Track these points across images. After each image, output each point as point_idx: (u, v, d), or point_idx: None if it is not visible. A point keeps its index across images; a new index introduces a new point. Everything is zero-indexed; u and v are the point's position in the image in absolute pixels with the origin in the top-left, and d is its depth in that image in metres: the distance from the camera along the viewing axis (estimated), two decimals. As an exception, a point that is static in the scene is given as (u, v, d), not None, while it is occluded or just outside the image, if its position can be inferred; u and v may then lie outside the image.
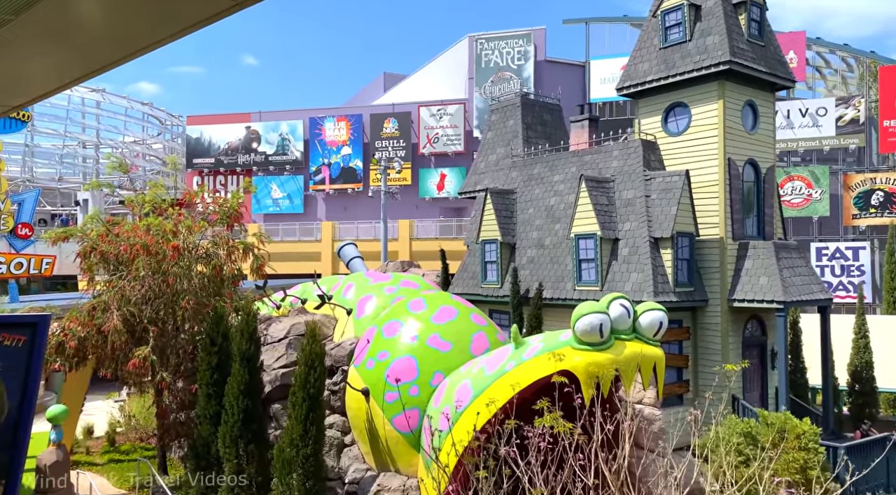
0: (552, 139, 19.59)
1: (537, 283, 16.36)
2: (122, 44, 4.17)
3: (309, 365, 11.97)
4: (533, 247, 17.05)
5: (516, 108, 19.76)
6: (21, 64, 4.95)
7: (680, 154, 15.59)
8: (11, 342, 10.26)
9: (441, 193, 40.27)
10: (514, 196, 18.02)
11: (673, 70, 15.50)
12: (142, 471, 14.57)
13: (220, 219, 15.06)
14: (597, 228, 14.88)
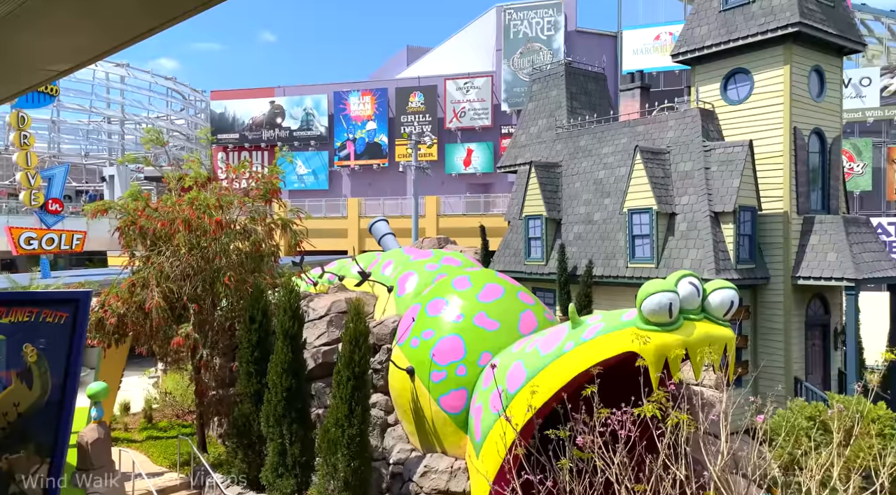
0: (597, 109, 18.88)
1: (586, 260, 15.81)
2: (157, 11, 4.11)
3: (353, 343, 11.67)
4: (580, 223, 16.48)
5: (559, 78, 19.03)
6: (54, 33, 4.91)
7: (740, 123, 14.84)
8: (54, 319, 10.02)
9: (468, 169, 39.66)
10: (559, 169, 17.41)
11: (734, 34, 14.66)
12: (182, 449, 14.46)
13: (262, 194, 14.71)
14: (652, 202, 14.26)
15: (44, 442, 10.79)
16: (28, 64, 6.55)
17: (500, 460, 10.38)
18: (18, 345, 10.33)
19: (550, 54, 36.71)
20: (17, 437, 10.37)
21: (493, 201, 35.86)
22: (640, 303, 8.73)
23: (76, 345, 10.68)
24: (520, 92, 37.97)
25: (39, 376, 10.64)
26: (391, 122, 41.18)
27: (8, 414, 10.45)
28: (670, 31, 35.77)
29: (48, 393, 10.63)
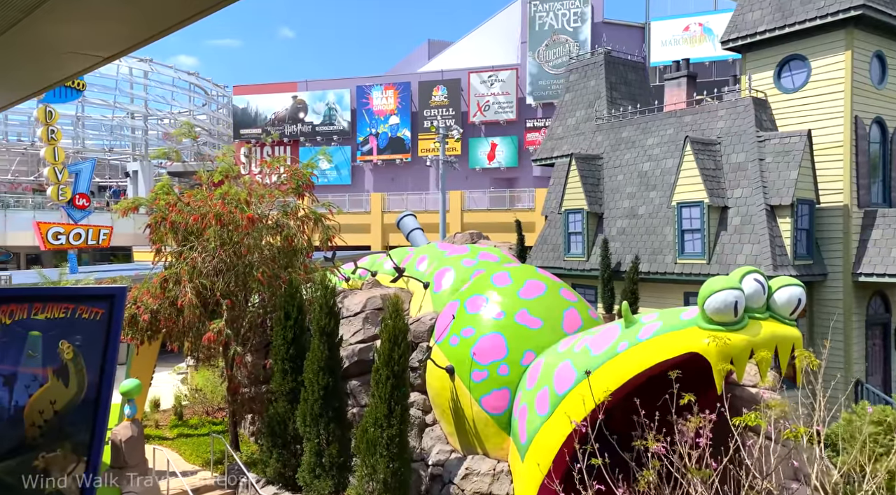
0: (637, 99, 18.34)
1: (631, 256, 15.30)
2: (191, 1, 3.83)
3: (393, 341, 11.33)
4: (624, 217, 16.00)
5: (598, 67, 18.51)
6: (87, 21, 4.75)
7: (796, 112, 14.23)
8: (89, 315, 9.79)
9: (492, 163, 39.19)
10: (600, 161, 16.92)
11: (791, 18, 14.01)
12: (215, 447, 14.25)
13: (295, 188, 14.43)
14: (704, 195, 13.73)
15: (80, 441, 10.54)
16: (62, 55, 6.26)
17: (548, 464, 10.01)
18: (54, 342, 10.08)
19: (577, 46, 36.09)
20: (54, 435, 10.13)
21: (518, 196, 35.36)
22: (702, 301, 8.29)
23: (112, 342, 10.43)
24: (545, 85, 37.41)
25: (75, 373, 10.38)
26: (414, 117, 40.81)
27: (44, 411, 10.21)
28: (700, 22, 35.00)
29: (84, 390, 10.38)
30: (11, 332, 10.25)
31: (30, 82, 7.25)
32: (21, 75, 6.67)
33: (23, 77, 6.75)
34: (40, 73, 6.83)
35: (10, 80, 7.02)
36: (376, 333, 13.61)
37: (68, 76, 7.12)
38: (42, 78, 6.58)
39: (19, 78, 6.83)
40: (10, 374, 10.26)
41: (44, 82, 7.13)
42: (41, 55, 6.23)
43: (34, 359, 10.31)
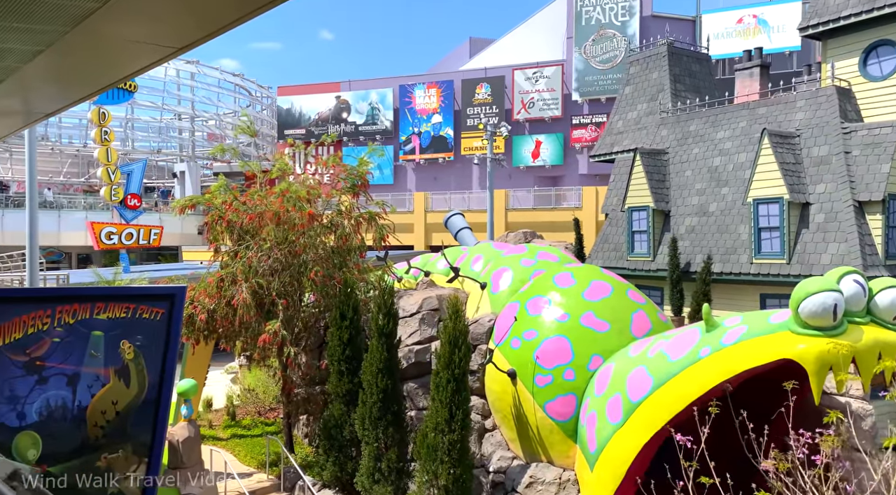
0: (702, 92, 17.61)
1: (701, 255, 14.61)
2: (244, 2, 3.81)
3: (453, 343, 10.96)
4: (693, 215, 15.34)
5: (661, 59, 17.83)
6: (145, 22, 4.47)
7: (884, 102, 13.34)
8: (150, 315, 9.69)
9: (536, 161, 38.60)
10: (665, 157, 16.27)
11: (879, 1, 13.11)
12: (269, 449, 14.11)
13: (350, 187, 14.21)
14: (783, 191, 13.00)
15: (142, 442, 10.40)
16: (137, 45, 6.05)
17: (620, 475, 9.52)
18: (116, 342, 9.96)
19: (625, 41, 35.26)
20: (116, 436, 10.01)
21: (563, 195, 34.72)
22: (796, 303, 7.71)
23: (172, 343, 10.28)
24: (592, 80, 36.67)
25: (136, 374, 10.25)
26: (457, 115, 40.48)
27: (106, 412, 10.09)
28: (754, 14, 33.82)
29: (145, 391, 10.23)
30: (75, 332, 10.15)
31: (102, 75, 7.09)
32: (94, 68, 6.53)
33: (95, 70, 6.60)
34: (111, 66, 6.64)
35: (83, 74, 6.88)
36: (433, 335, 13.29)
37: (139, 69, 6.94)
38: (116, 70, 6.41)
39: (91, 71, 6.69)
40: (73, 374, 10.16)
41: (114, 76, 6.96)
42: (113, 46, 6.02)
43: (96, 360, 10.20)
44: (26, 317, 9.96)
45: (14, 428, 9.88)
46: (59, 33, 5.08)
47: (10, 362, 9.70)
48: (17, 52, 5.54)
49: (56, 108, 8.92)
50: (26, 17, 4.79)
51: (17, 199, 36.95)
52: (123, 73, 6.75)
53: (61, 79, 7.11)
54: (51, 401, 10.00)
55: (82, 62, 6.32)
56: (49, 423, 9.79)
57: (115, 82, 7.36)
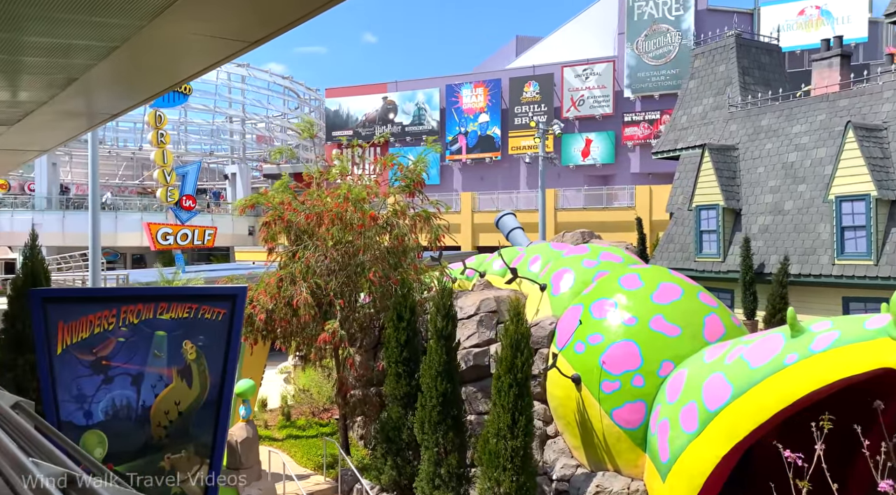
0: (772, 85, 16.83)
1: (777, 256, 13.90)
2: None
3: (515, 347, 10.64)
4: (767, 213, 14.63)
5: (729, 51, 17.10)
6: (209, 21, 4.60)
7: (979, 93, 12.54)
8: (212, 315, 9.65)
9: (586, 160, 37.88)
10: (735, 152, 15.57)
11: (974, -15, 12.38)
12: (324, 450, 14.01)
13: (406, 186, 14.03)
14: (870, 187, 12.25)
15: (203, 443, 10.30)
16: (189, 51, 5.91)
17: (696, 488, 9.03)
18: (179, 342, 9.89)
19: (679, 35, 34.30)
20: (179, 436, 9.93)
21: (615, 194, 33.93)
22: (897, 308, 7.12)
23: (233, 343, 10.17)
24: (645, 77, 35.79)
25: (198, 374, 10.15)
26: (504, 114, 40.05)
27: (169, 412, 10.02)
28: (817, 5, 32.46)
29: (207, 392, 10.13)
30: (139, 332, 10.08)
31: (170, 74, 7.00)
32: (163, 66, 6.43)
33: (164, 67, 6.51)
34: (179, 64, 6.53)
35: (152, 72, 6.80)
36: (491, 337, 12.97)
37: (204, 69, 6.86)
38: (184, 67, 6.29)
39: (160, 69, 6.60)
40: (137, 374, 10.08)
41: (181, 75, 6.86)
42: (184, 42, 5.89)
43: (160, 360, 10.11)
44: (93, 316, 9.89)
45: (81, 426, 9.81)
46: (135, 27, 4.97)
47: (78, 361, 9.65)
48: (93, 49, 5.45)
49: (121, 108, 8.89)
50: (103, 9, 4.68)
51: (77, 201, 38.11)
52: (190, 71, 6.65)
53: (129, 79, 7.06)
54: (116, 401, 9.92)
55: (153, 60, 6.23)
56: (114, 422, 9.72)
57: (181, 80, 7.27)
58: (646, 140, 36.10)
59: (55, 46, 5.41)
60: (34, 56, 5.67)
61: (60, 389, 8.89)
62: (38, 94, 6.97)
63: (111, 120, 9.47)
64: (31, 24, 4.69)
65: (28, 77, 6.39)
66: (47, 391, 8.84)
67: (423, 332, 13.68)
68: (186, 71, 6.66)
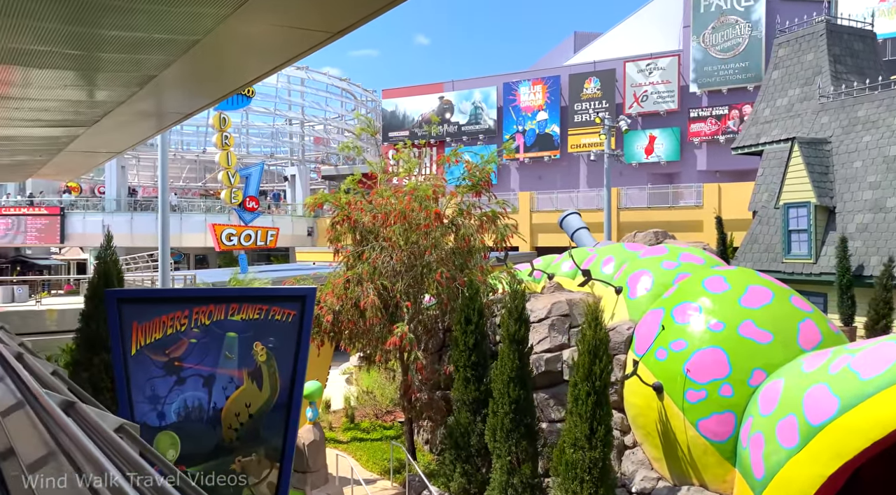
0: (867, 74, 15.70)
1: (878, 257, 12.87)
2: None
3: (593, 353, 10.10)
4: (866, 211, 13.62)
5: (818, 38, 16.07)
6: (282, 19, 4.56)
7: None
8: (282, 316, 9.50)
9: (650, 158, 36.69)
10: (828, 146, 14.59)
11: None
12: (388, 454, 13.76)
13: (473, 185, 13.67)
14: None
15: (274, 446, 10.11)
16: (260, 51, 5.65)
17: (798, 508, 8.33)
18: (249, 344, 9.72)
19: (748, 27, 32.85)
20: (250, 439, 9.76)
21: (680, 193, 32.72)
22: None
23: (303, 345, 9.93)
24: (712, 71, 34.43)
25: (269, 376, 9.97)
26: (563, 111, 39.23)
27: (240, 414, 9.86)
28: (900, -10, 30.51)
29: (277, 394, 9.94)
30: (211, 333, 9.95)
31: (242, 73, 6.81)
32: (241, 60, 6.24)
33: (241, 63, 6.32)
34: (263, 55, 6.31)
35: (227, 70, 6.62)
36: (563, 342, 12.47)
37: (247, 83, 6.70)
38: (269, 59, 6.07)
39: (236, 65, 6.41)
40: (209, 375, 9.96)
41: (261, 69, 6.65)
42: (263, 36, 5.65)
43: (231, 361, 9.95)
44: (165, 317, 9.79)
45: (155, 427, 9.71)
46: (219, 19, 4.75)
47: (151, 362, 9.55)
48: (174, 44, 5.26)
49: (195, 107, 8.79)
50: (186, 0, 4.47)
51: (144, 203, 39.28)
52: (265, 67, 6.45)
53: (205, 76, 6.92)
54: (188, 402, 9.80)
55: (231, 55, 6.04)
56: (186, 424, 9.60)
57: (256, 78, 7.07)
58: (713, 136, 34.72)
59: (135, 41, 5.25)
60: (113, 52, 5.54)
61: (135, 390, 8.86)
62: (115, 93, 6.89)
63: (184, 120, 9.41)
64: (109, 17, 4.52)
65: (106, 75, 6.30)
66: (122, 391, 8.82)
67: (491, 336, 13.28)
68: (261, 67, 6.47)
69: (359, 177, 14.01)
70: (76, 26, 4.67)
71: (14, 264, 42.49)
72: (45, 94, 6.87)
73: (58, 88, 6.62)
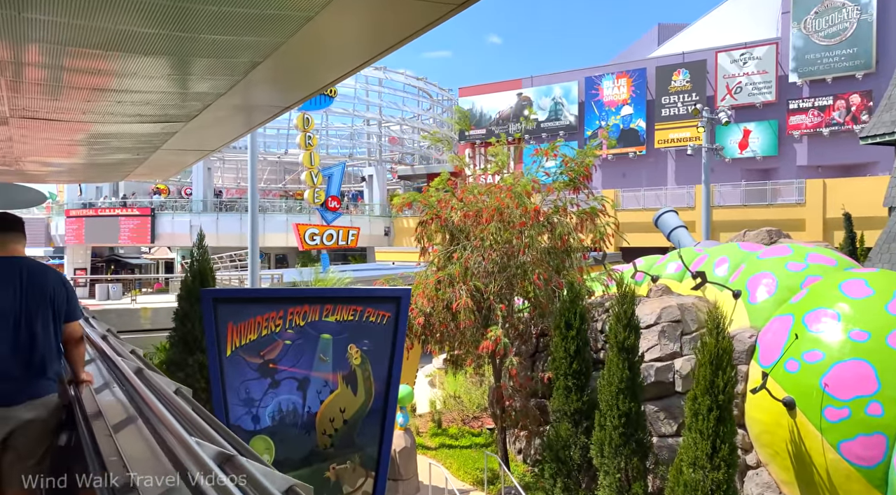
0: None
1: None
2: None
3: (715, 364, 9.11)
4: None
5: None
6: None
7: None
8: (377, 318, 9.02)
9: (744, 153, 34.57)
10: None
11: None
12: (480, 463, 13.12)
13: (571, 180, 12.88)
14: None
15: (369, 454, 9.55)
16: (342, 53, 5.32)
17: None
18: (344, 346, 9.20)
19: (857, 10, 30.37)
20: (344, 446, 9.25)
21: (779, 189, 30.61)
22: None
23: (398, 348, 9.34)
24: (815, 58, 32.08)
25: (363, 381, 9.43)
26: (650, 105, 37.57)
27: (335, 420, 9.36)
28: None
29: (372, 399, 9.39)
30: (305, 334, 9.46)
31: (338, 65, 6.32)
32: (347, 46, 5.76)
33: (342, 52, 5.83)
34: (359, 45, 5.81)
35: (323, 63, 6.16)
36: (675, 350, 11.47)
37: (336, 80, 6.23)
38: (365, 49, 5.57)
39: (337, 55, 5.93)
40: (303, 378, 9.49)
41: (355, 62, 6.15)
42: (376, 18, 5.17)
43: (325, 364, 9.43)
44: (260, 318, 9.33)
45: (250, 431, 9.27)
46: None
47: (246, 364, 9.12)
48: (290, 20, 4.81)
49: (293, 100, 8.39)
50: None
51: (229, 204, 40.27)
52: (358, 60, 5.95)
53: (289, 78, 6.54)
54: (282, 406, 9.32)
55: (339, 38, 5.57)
56: (281, 428, 9.11)
57: (348, 72, 6.59)
58: (815, 129, 32.33)
59: (248, 18, 4.81)
60: (221, 33, 5.14)
61: (230, 392, 8.56)
62: (218, 83, 6.54)
63: (275, 117, 9.07)
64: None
65: (211, 61, 5.94)
66: (217, 393, 8.53)
67: (592, 342, 12.44)
68: (372, 48, 6.00)
69: (447, 176, 13.45)
70: (185, 1, 4.27)
71: (108, 263, 44.57)
72: (148, 85, 6.60)
73: (161, 78, 6.33)
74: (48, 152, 10.09)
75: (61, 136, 8.78)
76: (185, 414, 2.41)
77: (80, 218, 37.83)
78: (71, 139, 9.05)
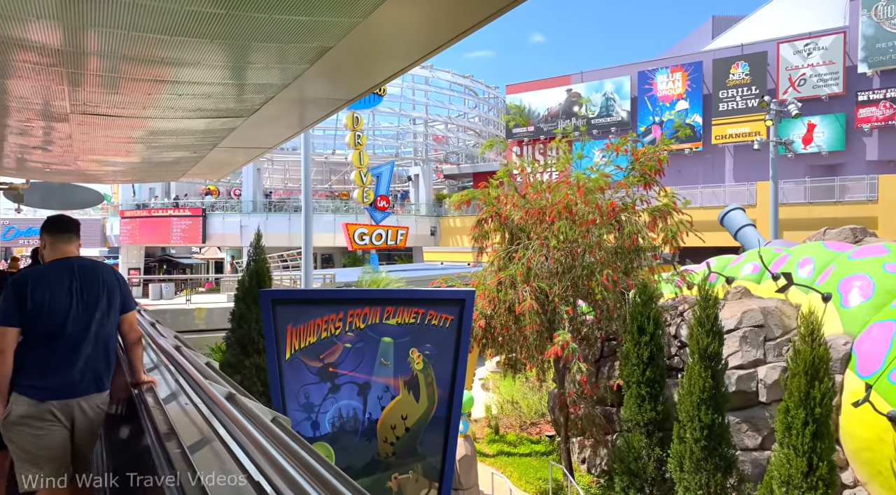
0: None
1: None
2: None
3: (811, 374, 8.36)
4: None
5: None
6: None
7: None
8: (439, 321, 8.53)
9: (808, 148, 32.93)
10: None
11: None
12: (546, 474, 12.51)
13: (641, 175, 12.18)
14: None
15: (432, 464, 8.98)
16: (399, 47, 4.99)
17: None
18: (405, 350, 8.66)
19: (935, -6, 28.52)
20: (406, 455, 8.71)
21: (847, 186, 29.00)
22: None
23: (461, 352, 8.75)
24: (886, 48, 30.35)
25: (425, 386, 8.86)
26: (706, 100, 36.18)
27: (396, 427, 8.83)
28: None
29: (435, 406, 8.83)
30: (365, 337, 8.92)
31: (388, 64, 5.83)
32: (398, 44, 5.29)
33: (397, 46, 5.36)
34: (421, 36, 5.34)
35: (375, 60, 5.69)
36: (758, 357, 10.66)
37: (391, 76, 5.88)
38: (429, 40, 5.12)
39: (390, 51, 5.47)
40: (364, 383, 8.92)
41: (416, 55, 5.66)
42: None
43: (386, 369, 8.88)
44: (320, 320, 8.79)
45: (309, 438, 8.77)
46: None
47: (306, 367, 8.60)
48: (329, 33, 4.37)
49: (360, 91, 7.93)
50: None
51: (278, 205, 40.47)
52: (420, 52, 5.46)
53: (357, 67, 6.08)
54: (343, 411, 8.77)
55: (395, 34, 5.13)
56: (341, 435, 8.57)
57: (408, 66, 6.12)
58: (886, 121, 30.56)
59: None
60: (291, 13, 4.73)
61: (289, 397, 8.18)
62: (283, 74, 6.14)
63: (330, 114, 8.66)
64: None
65: (279, 47, 5.55)
66: (277, 398, 8.15)
67: (667, 348, 11.71)
68: (437, 38, 5.54)
69: (511, 168, 12.87)
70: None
71: (161, 263, 45.39)
72: (211, 75, 6.24)
73: (224, 68, 5.96)
74: (106, 151, 9.91)
75: (120, 133, 8.54)
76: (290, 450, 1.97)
77: (134, 219, 38.53)
78: (130, 136, 8.82)
